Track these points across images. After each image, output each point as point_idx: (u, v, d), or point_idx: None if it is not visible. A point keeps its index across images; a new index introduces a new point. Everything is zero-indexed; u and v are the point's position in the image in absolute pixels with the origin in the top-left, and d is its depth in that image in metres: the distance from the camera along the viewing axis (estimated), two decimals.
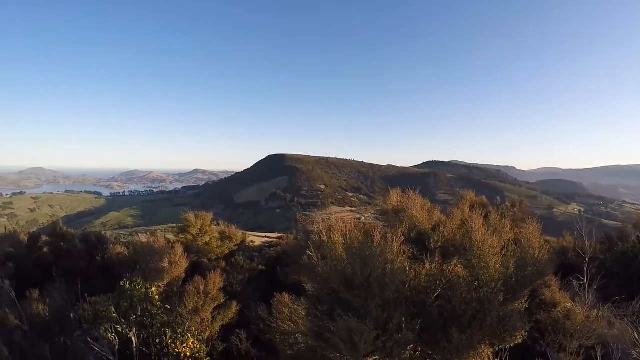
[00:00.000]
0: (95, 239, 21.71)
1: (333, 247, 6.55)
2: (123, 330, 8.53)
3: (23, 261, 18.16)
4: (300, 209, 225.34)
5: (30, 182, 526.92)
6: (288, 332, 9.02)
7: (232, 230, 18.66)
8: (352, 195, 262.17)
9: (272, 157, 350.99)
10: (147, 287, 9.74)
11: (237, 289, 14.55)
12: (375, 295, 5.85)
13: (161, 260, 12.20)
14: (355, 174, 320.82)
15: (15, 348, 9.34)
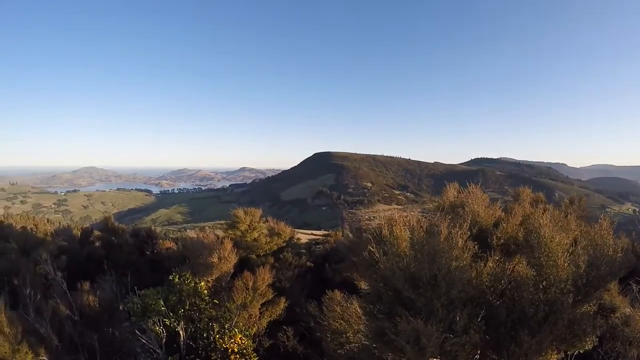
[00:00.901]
0: (145, 234, 22.22)
1: (395, 242, 6.25)
2: (171, 324, 8.54)
3: (75, 254, 18.70)
4: (347, 207, 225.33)
5: (83, 181, 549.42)
6: (339, 331, 8.79)
7: (281, 226, 18.59)
8: (398, 193, 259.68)
9: (319, 155, 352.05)
10: (196, 281, 9.75)
11: (285, 286, 14.44)
12: (441, 294, 5.51)
13: (210, 256, 12.22)
14: (402, 171, 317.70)
15: (64, 337, 9.55)
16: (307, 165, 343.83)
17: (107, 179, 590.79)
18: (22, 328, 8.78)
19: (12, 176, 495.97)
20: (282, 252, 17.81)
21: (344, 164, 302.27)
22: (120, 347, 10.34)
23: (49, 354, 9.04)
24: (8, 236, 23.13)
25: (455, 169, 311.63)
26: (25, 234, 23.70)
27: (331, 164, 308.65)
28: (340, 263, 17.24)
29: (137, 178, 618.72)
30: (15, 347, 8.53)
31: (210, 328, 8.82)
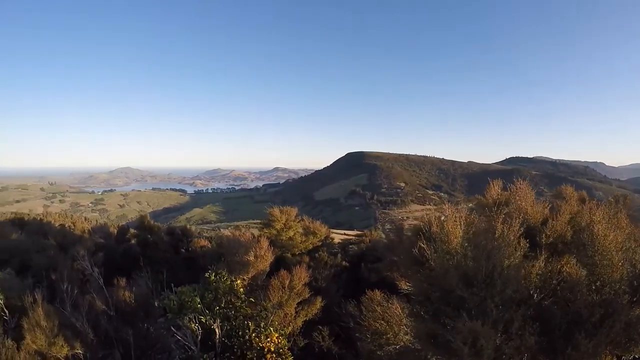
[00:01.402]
0: (181, 232, 22.43)
1: (446, 239, 5.99)
2: (206, 322, 8.47)
3: (112, 251, 18.98)
4: (380, 207, 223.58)
5: (119, 181, 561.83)
6: (380, 331, 8.56)
7: (316, 225, 18.45)
8: (432, 193, 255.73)
9: (352, 155, 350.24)
10: (232, 279, 9.67)
11: (321, 285, 14.28)
12: (495, 294, 5.22)
13: (247, 254, 12.14)
14: (436, 171, 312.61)
15: (100, 331, 9.68)
16: (340, 165, 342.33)
17: (142, 179, 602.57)
18: (59, 322, 8.87)
19: (51, 176, 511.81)
20: (318, 252, 17.66)
21: (377, 163, 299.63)
22: (155, 343, 10.37)
23: (84, 348, 9.12)
24: (47, 233, 23.69)
25: (490, 169, 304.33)
26: (64, 232, 24.19)
27: (364, 163, 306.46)
28: (376, 263, 17.00)
29: (172, 178, 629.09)
30: (51, 340, 8.63)
31: (246, 326, 8.70)
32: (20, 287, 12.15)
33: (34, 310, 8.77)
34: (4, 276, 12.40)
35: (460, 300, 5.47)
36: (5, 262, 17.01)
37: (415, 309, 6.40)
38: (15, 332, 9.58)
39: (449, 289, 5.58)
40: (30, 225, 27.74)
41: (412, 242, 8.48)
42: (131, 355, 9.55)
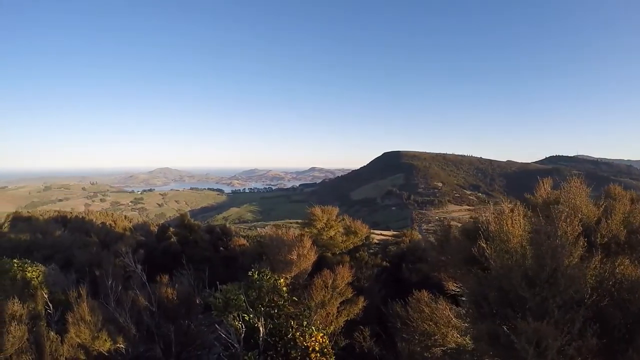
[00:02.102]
0: (220, 231, 22.69)
1: (506, 237, 5.74)
2: (250, 320, 8.44)
3: (152, 249, 19.28)
4: (417, 207, 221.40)
5: (158, 181, 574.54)
6: (428, 333, 8.35)
7: (358, 225, 18.29)
8: (470, 194, 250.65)
9: (388, 154, 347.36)
10: (276, 278, 9.66)
11: (364, 285, 14.13)
12: (556, 294, 4.96)
13: (289, 253, 12.07)
14: (474, 170, 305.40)
15: (142, 326, 9.84)
16: (376, 164, 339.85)
17: (180, 179, 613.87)
18: (103, 317, 9.01)
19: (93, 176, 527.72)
20: (358, 251, 17.51)
21: (413, 163, 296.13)
22: (195, 339, 10.44)
23: (126, 343, 9.25)
24: (89, 231, 24.30)
25: (529, 168, 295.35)
26: (105, 229, 24.77)
27: (401, 163, 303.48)
28: (417, 263, 16.78)
29: (209, 178, 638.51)
30: (95, 335, 8.78)
31: (289, 325, 8.63)
32: (64, 282, 12.45)
33: (79, 305, 8.92)
34: (49, 271, 12.69)
35: (519, 301, 5.22)
36: (50, 257, 17.52)
37: (472, 310, 6.15)
38: (59, 326, 9.79)
39: (508, 289, 5.34)
40: (72, 223, 28.52)
41: (463, 242, 8.25)
42: (172, 351, 9.64)
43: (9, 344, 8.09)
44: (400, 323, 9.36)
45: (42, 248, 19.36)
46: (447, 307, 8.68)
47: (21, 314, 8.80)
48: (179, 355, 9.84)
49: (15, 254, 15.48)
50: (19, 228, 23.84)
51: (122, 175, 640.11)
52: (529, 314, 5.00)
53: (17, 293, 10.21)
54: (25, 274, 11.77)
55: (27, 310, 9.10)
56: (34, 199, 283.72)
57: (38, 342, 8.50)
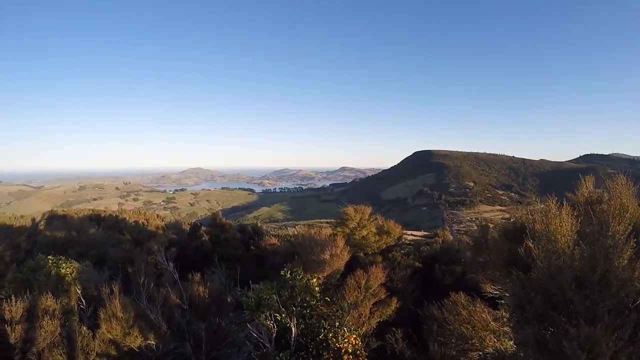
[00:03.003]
0: (252, 230, 22.77)
1: (553, 237, 5.48)
2: (282, 319, 8.37)
3: (184, 247, 19.45)
4: (448, 207, 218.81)
5: (190, 180, 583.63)
6: (465, 336, 8.12)
7: (390, 224, 18.09)
8: (502, 193, 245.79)
9: (419, 154, 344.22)
10: (309, 278, 9.61)
11: (397, 286, 13.92)
12: (606, 297, 4.68)
13: (322, 252, 11.96)
14: (506, 170, 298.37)
15: (173, 324, 9.84)
16: (407, 164, 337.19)
17: (212, 179, 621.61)
18: (135, 313, 9.06)
19: (126, 176, 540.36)
20: (391, 252, 17.29)
21: (444, 162, 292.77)
22: (225, 337, 10.43)
23: (157, 339, 9.29)
24: (122, 229, 24.70)
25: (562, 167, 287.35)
26: (138, 227, 25.12)
27: (432, 162, 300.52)
28: (450, 264, 16.53)
29: (240, 178, 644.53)
30: (126, 331, 8.86)
31: (321, 326, 8.52)
32: (97, 279, 12.62)
33: (111, 302, 9.00)
34: (82, 268, 12.87)
35: (567, 304, 4.96)
36: (84, 254, 17.81)
37: (515, 314, 5.89)
38: (91, 321, 9.91)
39: (554, 291, 5.08)
40: (106, 221, 29.00)
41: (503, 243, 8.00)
42: (202, 349, 9.63)
43: (41, 338, 8.20)
44: (437, 326, 9.15)
45: (77, 245, 19.70)
46: (485, 310, 8.45)
47: (54, 309, 8.92)
48: (209, 353, 9.83)
49: (51, 250, 15.79)
50: (54, 226, 24.32)
51: (154, 175, 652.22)
52: (579, 318, 4.74)
53: (50, 288, 10.39)
54: (59, 270, 11.97)
55: (60, 305, 9.23)
56: (69, 198, 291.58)
57: (70, 337, 8.57)
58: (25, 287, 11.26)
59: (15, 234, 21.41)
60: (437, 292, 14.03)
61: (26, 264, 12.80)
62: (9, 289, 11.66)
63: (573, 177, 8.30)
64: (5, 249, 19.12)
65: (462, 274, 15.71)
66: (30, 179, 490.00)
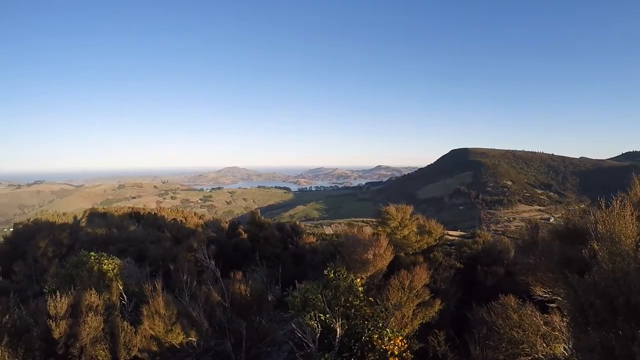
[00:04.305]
0: (290, 228, 22.78)
1: (618, 238, 5.19)
2: (326, 320, 8.27)
3: (223, 245, 19.58)
4: (485, 207, 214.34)
5: (227, 179, 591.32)
6: (515, 341, 7.85)
7: (432, 224, 17.76)
8: (540, 193, 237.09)
9: (456, 152, 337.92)
10: (352, 278, 9.50)
11: (440, 287, 13.63)
12: None
13: (365, 252, 11.79)
14: (545, 168, 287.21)
15: (214, 321, 9.92)
16: (443, 162, 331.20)
17: (248, 178, 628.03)
18: (177, 311, 9.12)
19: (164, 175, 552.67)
20: (432, 252, 16.99)
21: (482, 160, 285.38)
22: (266, 336, 10.42)
23: (198, 336, 9.36)
24: (161, 226, 25.07)
25: (603, 165, 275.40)
26: (177, 225, 25.46)
27: (469, 161, 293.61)
28: (492, 265, 16.16)
29: (276, 176, 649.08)
30: (168, 328, 8.93)
31: (365, 326, 8.37)
32: (138, 275, 12.79)
33: (154, 299, 9.11)
34: (124, 264, 13.05)
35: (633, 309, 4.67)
36: (124, 251, 18.16)
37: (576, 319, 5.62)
38: (132, 317, 10.08)
39: (616, 295, 4.80)
40: (145, 219, 29.59)
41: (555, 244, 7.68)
42: (242, 346, 9.65)
43: (85, 333, 8.29)
44: (487, 329, 8.89)
45: (117, 242, 20.10)
46: (536, 314, 8.15)
47: (97, 305, 9.03)
48: (248, 351, 9.83)
49: (92, 247, 16.11)
50: (95, 223, 24.91)
51: (191, 175, 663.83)
52: None
53: (93, 284, 10.55)
54: (101, 266, 12.15)
55: (102, 301, 9.34)
56: (108, 197, 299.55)
57: (113, 333, 8.69)
58: (68, 282, 11.49)
59: (58, 230, 22.01)
60: (479, 294, 13.70)
61: (69, 259, 13.06)
62: (51, 283, 11.96)
63: (616, 176, 7.87)
64: (49, 245, 19.67)
65: (505, 275, 15.34)
66: (72, 178, 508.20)
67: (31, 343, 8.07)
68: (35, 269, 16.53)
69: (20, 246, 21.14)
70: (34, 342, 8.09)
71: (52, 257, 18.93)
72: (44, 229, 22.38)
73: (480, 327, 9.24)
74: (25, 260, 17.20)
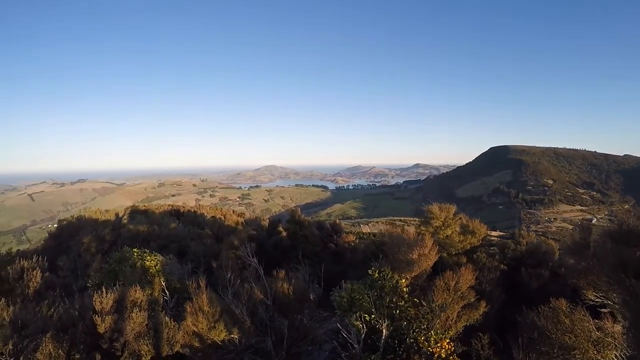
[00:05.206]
0: (330, 227, 22.71)
1: None
2: (371, 320, 8.15)
3: (263, 243, 19.66)
4: (525, 207, 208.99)
5: (264, 178, 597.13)
6: (567, 346, 7.56)
7: (476, 224, 17.40)
8: (583, 192, 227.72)
9: (495, 149, 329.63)
10: (397, 278, 9.40)
11: (485, 288, 13.32)
12: None
13: (410, 252, 11.60)
14: (587, 166, 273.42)
15: (256, 319, 9.94)
16: (482, 160, 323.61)
17: (286, 176, 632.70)
18: (220, 308, 9.18)
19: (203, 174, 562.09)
20: (475, 252, 16.63)
21: (522, 158, 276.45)
22: (307, 335, 10.37)
23: (240, 334, 9.40)
24: (201, 224, 25.41)
25: None
26: (218, 223, 25.75)
27: (508, 158, 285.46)
28: (536, 267, 15.71)
29: (314, 175, 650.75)
30: (211, 324, 9.00)
31: (411, 328, 8.20)
32: (180, 272, 12.95)
33: (198, 296, 9.21)
34: (166, 261, 13.23)
35: None
36: (165, 247, 18.47)
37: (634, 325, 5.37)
38: (174, 312, 10.24)
39: None
40: (185, 216, 30.08)
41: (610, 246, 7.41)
42: (283, 345, 9.63)
43: (129, 328, 8.41)
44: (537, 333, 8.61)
45: (158, 238, 20.44)
46: (588, 319, 7.85)
47: (141, 301, 9.15)
48: (289, 350, 9.80)
49: (134, 243, 16.42)
50: (136, 220, 25.42)
51: (230, 173, 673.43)
52: None
53: (136, 280, 10.72)
54: (144, 262, 12.36)
55: (145, 297, 9.46)
56: (149, 194, 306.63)
57: (156, 328, 8.80)
58: (111, 277, 11.73)
59: (100, 227, 22.56)
60: (523, 297, 13.33)
61: (112, 255, 13.33)
62: (95, 278, 12.22)
63: None
64: (92, 241, 20.15)
65: (550, 278, 14.92)
66: (113, 177, 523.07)
67: (76, 337, 8.23)
68: (78, 264, 16.94)
69: (64, 242, 21.75)
70: (78, 336, 8.24)
71: (95, 253, 19.38)
72: (87, 225, 22.97)
73: (531, 331, 8.95)
74: (69, 256, 17.66)
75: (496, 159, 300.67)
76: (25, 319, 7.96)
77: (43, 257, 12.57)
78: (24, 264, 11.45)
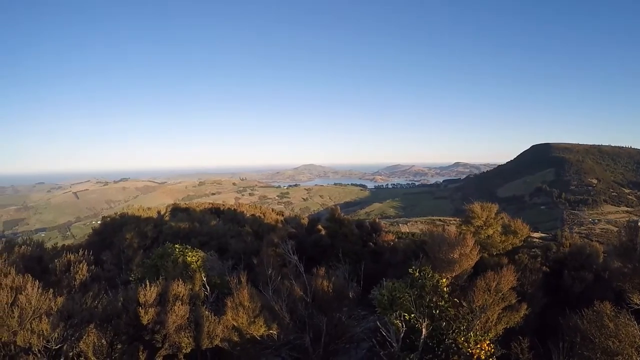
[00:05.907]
0: (369, 225, 22.66)
1: None
2: (411, 320, 8.11)
3: (302, 241, 19.78)
4: (568, 207, 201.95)
5: (303, 176, 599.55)
6: (611, 351, 7.34)
7: (518, 224, 17.00)
8: (629, 192, 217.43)
9: (537, 147, 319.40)
10: (438, 277, 9.37)
11: (527, 290, 13.03)
12: None
13: (451, 251, 11.46)
14: (633, 164, 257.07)
15: (295, 315, 10.06)
16: (524, 158, 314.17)
17: (325, 175, 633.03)
18: (260, 304, 9.36)
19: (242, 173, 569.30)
20: (517, 253, 16.29)
21: (565, 156, 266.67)
22: (345, 332, 10.41)
23: (279, 329, 9.53)
24: (240, 221, 25.79)
25: None
26: (257, 221, 26.09)
27: (551, 157, 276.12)
28: (579, 270, 15.29)
29: (352, 174, 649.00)
30: (251, 320, 9.18)
31: (450, 328, 8.12)
32: (220, 268, 13.19)
33: (239, 291, 9.41)
34: (207, 257, 13.49)
35: None
36: (205, 244, 18.85)
37: None
38: (213, 307, 10.47)
39: None
40: (225, 214, 30.63)
41: None
42: (320, 342, 9.70)
43: (171, 321, 8.63)
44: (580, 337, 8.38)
45: (199, 235, 20.87)
46: (633, 324, 7.60)
47: (183, 295, 9.37)
48: (327, 347, 9.86)
49: (176, 239, 16.79)
50: (178, 217, 26.05)
51: (269, 172, 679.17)
52: None
53: (177, 275, 10.98)
54: (185, 258, 12.64)
55: (187, 291, 9.68)
56: (189, 193, 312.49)
57: (197, 322, 9.01)
58: (153, 272, 12.05)
59: (143, 223, 23.21)
60: (565, 300, 12.99)
61: (154, 250, 13.67)
62: (137, 272, 12.58)
63: None
64: (134, 237, 20.75)
65: (594, 281, 14.50)
66: (155, 175, 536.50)
67: (119, 327, 8.49)
68: (122, 259, 17.46)
69: (107, 237, 22.48)
70: (122, 327, 8.50)
71: (137, 248, 19.95)
72: (130, 222, 23.66)
73: (573, 334, 8.73)
74: (112, 251, 18.22)
75: (538, 157, 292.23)
76: (71, 310, 8.22)
77: (88, 251, 12.98)
78: (70, 258, 11.83)
